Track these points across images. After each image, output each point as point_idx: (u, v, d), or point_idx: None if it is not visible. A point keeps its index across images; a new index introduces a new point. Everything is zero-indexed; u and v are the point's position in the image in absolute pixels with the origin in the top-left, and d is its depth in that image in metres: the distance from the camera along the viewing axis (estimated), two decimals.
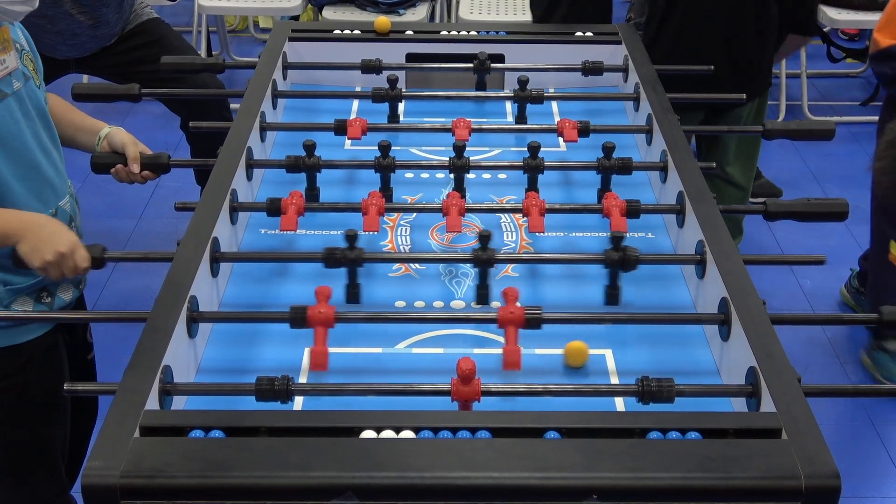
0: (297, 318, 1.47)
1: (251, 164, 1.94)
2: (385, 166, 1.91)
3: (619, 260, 1.62)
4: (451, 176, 1.93)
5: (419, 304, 1.68)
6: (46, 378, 1.85)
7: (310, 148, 1.90)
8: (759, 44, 2.79)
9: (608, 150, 1.92)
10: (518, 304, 1.49)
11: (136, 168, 1.91)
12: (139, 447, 1.20)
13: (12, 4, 1.64)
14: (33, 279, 1.76)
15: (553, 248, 1.85)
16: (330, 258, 1.62)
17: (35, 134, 1.75)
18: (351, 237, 1.61)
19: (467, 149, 2.11)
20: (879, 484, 2.68)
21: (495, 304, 1.68)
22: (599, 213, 1.81)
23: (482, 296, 1.65)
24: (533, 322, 1.48)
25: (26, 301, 1.78)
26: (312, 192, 1.91)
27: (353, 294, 1.64)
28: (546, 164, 1.92)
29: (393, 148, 2.17)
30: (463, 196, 1.88)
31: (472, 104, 2.37)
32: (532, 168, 1.91)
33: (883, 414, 2.89)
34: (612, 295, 1.66)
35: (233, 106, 3.27)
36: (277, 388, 1.36)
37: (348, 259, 1.62)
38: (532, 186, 1.93)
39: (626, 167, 1.92)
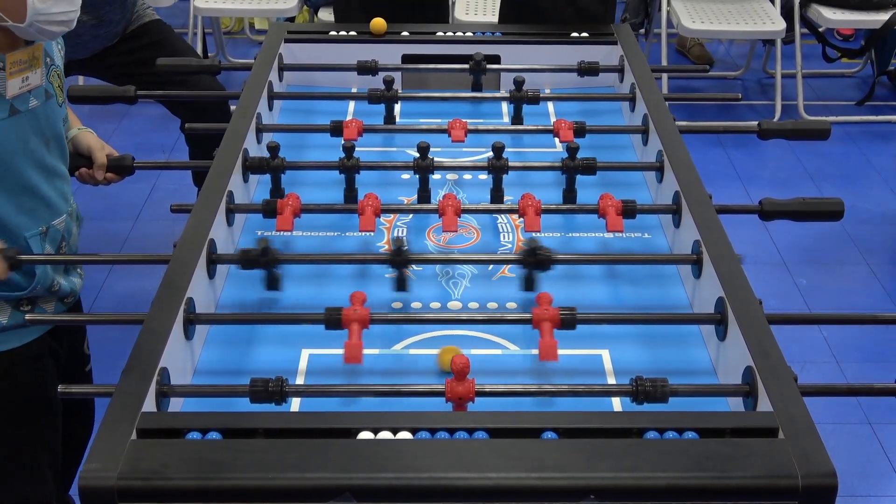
0: (332, 319, 1.49)
1: (247, 167, 1.94)
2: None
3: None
4: (417, 177, 1.93)
5: (416, 304, 1.68)
6: (29, 387, 1.84)
7: (274, 150, 1.90)
8: None
9: (572, 150, 1.92)
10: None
11: (100, 175, 1.95)
12: (136, 449, 1.20)
13: (50, 25, 1.63)
14: (16, 291, 1.76)
15: (550, 248, 1.85)
16: (245, 260, 1.62)
17: (38, 153, 1.74)
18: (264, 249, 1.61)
19: (463, 149, 2.12)
20: (876, 483, 2.69)
21: (492, 304, 1.69)
22: (595, 214, 1.81)
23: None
24: (567, 322, 1.49)
25: (4, 308, 1.77)
26: (277, 194, 1.92)
27: (273, 280, 1.64)
28: (523, 164, 1.94)
29: (389, 149, 2.19)
30: (427, 197, 1.90)
31: (469, 105, 2.38)
32: (497, 169, 1.91)
33: (879, 413, 2.90)
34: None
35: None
36: (272, 390, 1.36)
37: (262, 262, 1.62)
38: (497, 187, 1.93)
39: (590, 167, 1.93)
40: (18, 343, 1.81)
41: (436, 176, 2.06)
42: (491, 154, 1.91)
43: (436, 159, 1.94)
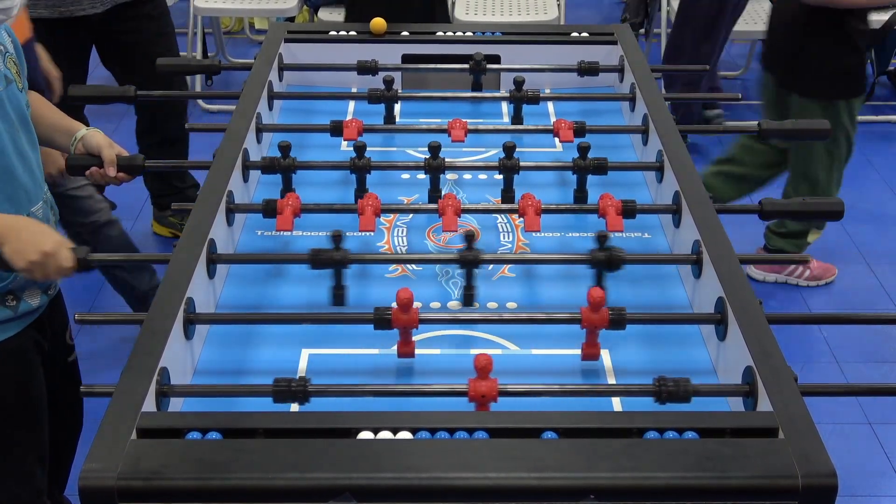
0: (382, 319, 1.49)
1: (247, 166, 1.94)
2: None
3: (605, 260, 1.62)
4: (428, 176, 1.93)
5: (416, 304, 1.68)
6: (16, 382, 1.84)
7: (285, 149, 1.90)
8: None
9: (583, 149, 1.92)
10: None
11: (112, 172, 1.91)
12: (136, 449, 1.20)
13: None
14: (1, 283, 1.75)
15: (549, 248, 1.85)
16: (316, 259, 1.62)
17: (12, 138, 1.74)
18: (336, 237, 1.61)
19: (463, 149, 2.12)
20: (876, 483, 2.68)
21: (492, 304, 1.69)
22: (595, 214, 1.81)
23: (468, 297, 1.65)
24: (617, 322, 1.49)
25: None
26: (288, 194, 1.91)
27: (338, 296, 1.64)
28: (521, 164, 1.91)
29: (389, 149, 2.19)
30: (438, 197, 1.88)
31: (469, 105, 2.38)
32: (508, 168, 1.91)
33: (879, 413, 2.90)
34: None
35: (229, 108, 3.28)
36: (294, 389, 1.36)
37: (334, 260, 1.61)
38: (508, 188, 1.93)
39: (601, 167, 1.92)
40: (3, 337, 1.80)
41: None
42: (493, 153, 1.91)
43: (445, 160, 1.94)
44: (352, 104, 2.37)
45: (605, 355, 1.57)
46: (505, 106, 2.39)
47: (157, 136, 3.30)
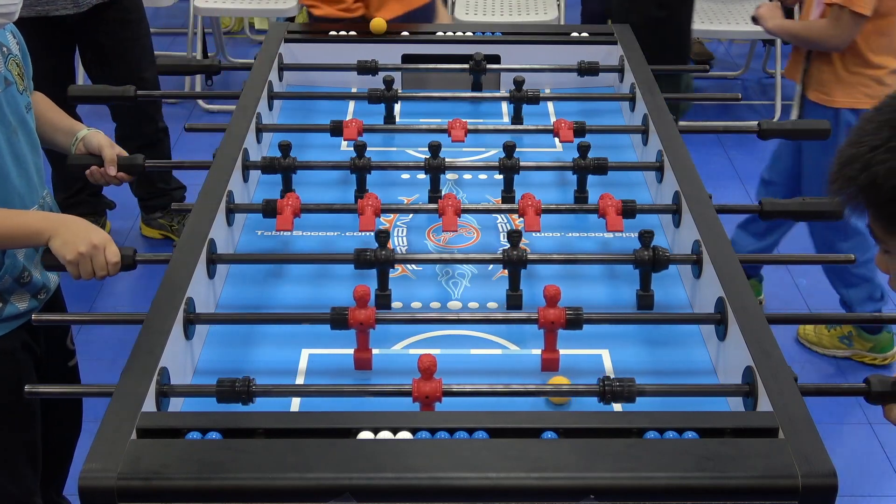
0: (338, 319, 1.48)
1: (247, 166, 1.94)
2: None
3: (649, 260, 1.62)
4: (428, 176, 1.94)
5: (416, 304, 1.68)
6: (1, 383, 1.83)
7: (285, 149, 1.90)
8: None
9: (584, 149, 1.92)
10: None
11: (112, 171, 1.92)
12: (136, 449, 1.20)
13: None
14: None
15: (550, 248, 1.85)
16: (360, 259, 1.62)
17: (8, 141, 1.74)
18: (383, 235, 1.61)
19: (463, 149, 2.12)
20: (876, 483, 2.68)
21: (492, 304, 1.69)
22: (595, 214, 1.81)
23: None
24: (574, 322, 1.49)
25: None
26: (288, 194, 1.92)
27: (383, 299, 1.64)
28: (522, 164, 1.91)
29: (389, 149, 2.19)
30: (438, 197, 1.88)
31: (469, 105, 2.38)
32: (508, 168, 1.91)
33: (880, 413, 2.89)
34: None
35: (229, 108, 3.28)
36: (238, 390, 1.36)
37: (379, 260, 1.61)
38: (508, 188, 1.93)
39: (601, 167, 1.92)
40: None
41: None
42: (493, 153, 1.91)
43: (445, 159, 1.94)
44: (352, 104, 2.37)
45: (605, 355, 1.57)
46: (505, 106, 2.39)
47: (135, 141, 3.32)
